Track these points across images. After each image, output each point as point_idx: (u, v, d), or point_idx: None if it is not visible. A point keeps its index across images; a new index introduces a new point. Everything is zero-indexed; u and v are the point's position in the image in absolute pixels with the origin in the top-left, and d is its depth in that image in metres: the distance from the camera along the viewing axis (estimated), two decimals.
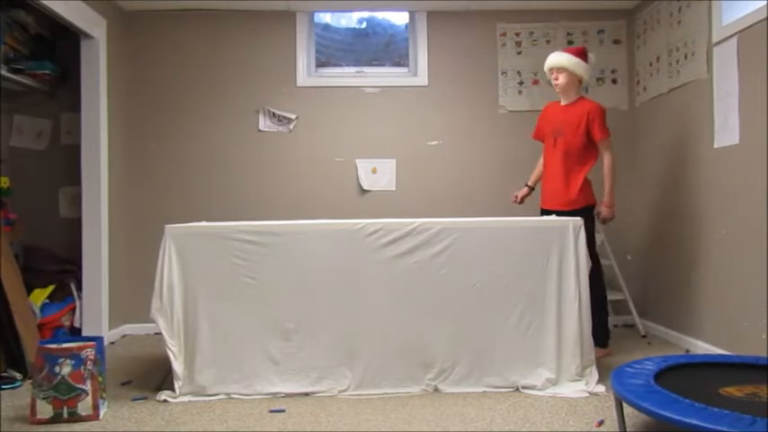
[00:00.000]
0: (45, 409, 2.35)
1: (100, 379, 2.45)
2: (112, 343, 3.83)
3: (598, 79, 4.28)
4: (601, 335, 3.16)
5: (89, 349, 2.41)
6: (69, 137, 4.09)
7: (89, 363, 2.39)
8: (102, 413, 2.44)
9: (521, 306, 2.75)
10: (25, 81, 3.72)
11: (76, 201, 3.85)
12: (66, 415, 2.36)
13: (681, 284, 3.62)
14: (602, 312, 3.19)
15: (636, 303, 4.00)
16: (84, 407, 2.38)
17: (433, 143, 4.29)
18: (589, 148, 3.26)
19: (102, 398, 2.46)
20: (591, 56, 3.36)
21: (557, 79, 3.28)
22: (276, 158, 4.26)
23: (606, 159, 3.25)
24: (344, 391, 2.68)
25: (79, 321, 3.69)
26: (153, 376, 3.00)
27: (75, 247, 3.78)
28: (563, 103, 3.36)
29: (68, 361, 2.37)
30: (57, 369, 2.36)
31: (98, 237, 3.73)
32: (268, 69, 4.26)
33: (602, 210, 3.32)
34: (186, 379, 2.66)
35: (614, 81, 4.29)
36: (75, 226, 3.85)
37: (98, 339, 2.50)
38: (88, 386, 2.39)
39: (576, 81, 3.29)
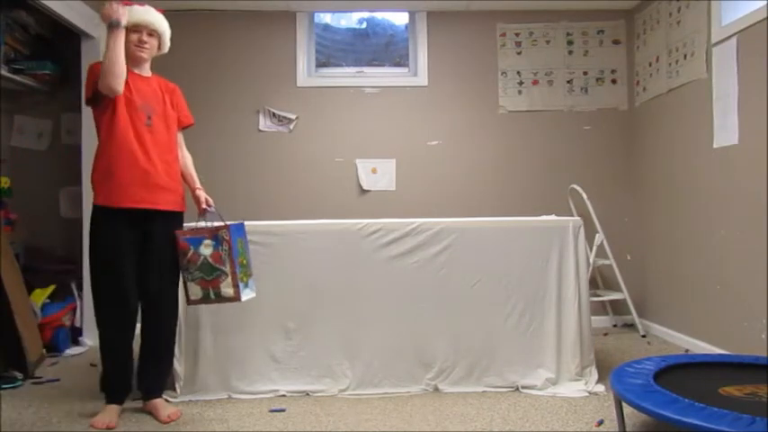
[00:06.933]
0: (195, 290, 2.39)
1: (244, 261, 2.43)
2: None
3: (598, 79, 4.28)
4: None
5: (224, 230, 2.39)
6: (70, 137, 4.09)
7: (225, 244, 2.37)
8: (244, 296, 2.39)
9: (520, 306, 2.76)
10: (26, 81, 3.73)
11: (77, 201, 3.84)
12: (212, 296, 2.38)
13: (681, 284, 3.62)
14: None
15: (636, 303, 4.00)
16: (226, 287, 2.37)
17: (433, 143, 4.29)
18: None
19: (242, 281, 2.40)
20: None
21: (145, 43, 2.53)
22: (276, 158, 4.26)
23: (186, 151, 2.70)
24: (345, 390, 2.69)
25: (80, 321, 3.69)
26: None
27: (76, 247, 3.78)
28: (137, 71, 2.55)
29: (209, 242, 2.37)
30: (201, 249, 2.37)
31: None
32: (268, 69, 4.26)
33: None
34: (187, 379, 2.67)
35: (614, 81, 4.29)
36: (75, 226, 3.85)
37: (240, 225, 2.49)
38: (227, 267, 2.37)
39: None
